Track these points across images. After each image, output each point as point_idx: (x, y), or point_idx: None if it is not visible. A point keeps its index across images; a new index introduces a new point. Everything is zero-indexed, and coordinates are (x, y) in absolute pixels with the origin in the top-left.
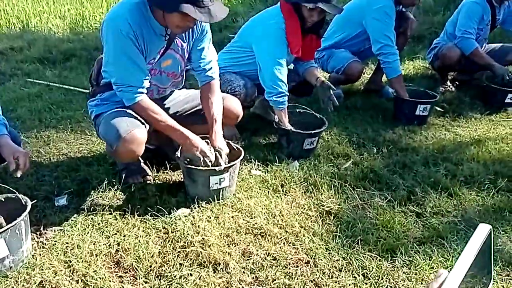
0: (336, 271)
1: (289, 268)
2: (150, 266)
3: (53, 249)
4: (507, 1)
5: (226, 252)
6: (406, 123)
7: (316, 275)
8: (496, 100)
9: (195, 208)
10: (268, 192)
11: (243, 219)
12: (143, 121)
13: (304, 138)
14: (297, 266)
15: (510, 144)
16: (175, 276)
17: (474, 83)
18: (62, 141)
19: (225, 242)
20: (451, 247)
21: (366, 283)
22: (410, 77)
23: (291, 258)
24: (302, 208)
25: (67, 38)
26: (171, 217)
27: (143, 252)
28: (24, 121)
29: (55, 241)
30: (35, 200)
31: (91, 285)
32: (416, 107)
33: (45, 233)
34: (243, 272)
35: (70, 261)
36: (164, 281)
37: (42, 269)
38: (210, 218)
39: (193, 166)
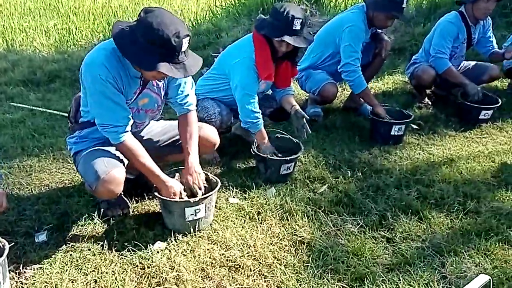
0: None
1: None
2: None
3: None
4: (481, 21)
5: (200, 287)
6: (382, 142)
7: None
8: (470, 117)
9: (171, 241)
10: (245, 221)
11: (219, 252)
12: (121, 157)
13: (281, 163)
14: None
15: (482, 163)
16: None
17: (451, 98)
18: (44, 171)
19: (199, 276)
20: (417, 274)
21: None
22: (389, 92)
23: None
24: (276, 237)
25: (51, 58)
26: (147, 252)
27: None
28: (6, 150)
29: (34, 280)
30: (13, 243)
31: None
32: (391, 127)
33: (24, 272)
34: None
35: None
36: None
37: None
38: (186, 251)
39: (168, 198)
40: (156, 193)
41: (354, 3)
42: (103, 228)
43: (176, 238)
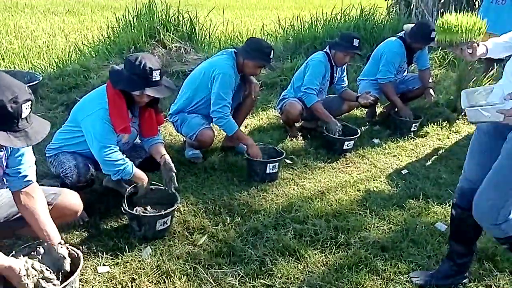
0: None
1: None
2: None
3: None
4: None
5: None
6: (259, 181)
7: None
8: (335, 148)
9: None
10: None
11: None
12: None
13: (156, 219)
14: None
15: (348, 193)
16: None
17: (319, 130)
18: None
19: None
20: None
21: None
22: (264, 128)
23: None
24: None
25: None
26: None
27: None
28: None
29: None
30: None
31: None
32: (266, 166)
33: None
34: None
35: None
36: None
37: None
38: None
39: None
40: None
41: (227, 41)
42: None
43: None
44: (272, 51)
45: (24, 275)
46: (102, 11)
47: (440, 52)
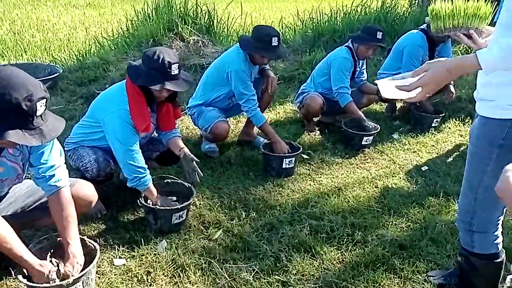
0: None
1: None
2: None
3: None
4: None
5: None
6: (275, 176)
7: None
8: (354, 143)
9: None
10: (132, 285)
11: None
12: None
13: (172, 213)
14: None
15: (366, 189)
16: None
17: (337, 125)
18: None
19: None
20: None
21: None
22: (281, 122)
23: None
24: None
25: None
26: None
27: None
28: None
29: None
30: None
31: None
32: (282, 161)
33: None
34: None
35: None
36: None
37: None
38: None
39: (36, 284)
40: (19, 279)
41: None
42: None
43: None
44: (273, 37)
45: (53, 279)
46: (122, 4)
47: (463, 46)
